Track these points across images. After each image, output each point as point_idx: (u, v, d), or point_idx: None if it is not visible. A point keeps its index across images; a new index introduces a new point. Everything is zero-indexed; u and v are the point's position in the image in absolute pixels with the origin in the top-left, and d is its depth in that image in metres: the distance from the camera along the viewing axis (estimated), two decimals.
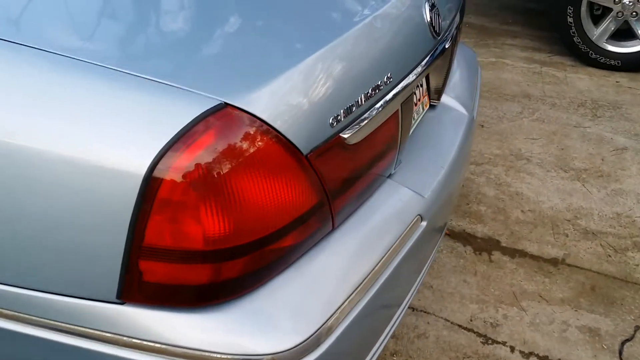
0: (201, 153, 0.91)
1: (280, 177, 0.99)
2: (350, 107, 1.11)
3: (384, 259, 1.23)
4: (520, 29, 4.47)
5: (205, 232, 0.92)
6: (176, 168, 0.90)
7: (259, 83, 0.98)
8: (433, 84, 1.71)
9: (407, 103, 1.35)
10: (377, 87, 1.19)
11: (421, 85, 1.64)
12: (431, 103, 1.73)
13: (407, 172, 1.44)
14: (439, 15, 1.47)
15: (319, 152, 1.05)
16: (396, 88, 1.26)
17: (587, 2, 3.70)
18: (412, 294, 1.50)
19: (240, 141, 0.94)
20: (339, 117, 1.08)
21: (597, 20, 3.80)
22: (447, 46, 1.59)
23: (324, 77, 1.07)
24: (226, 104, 0.94)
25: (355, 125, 1.13)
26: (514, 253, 2.25)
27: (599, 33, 3.77)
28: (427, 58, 1.43)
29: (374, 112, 1.18)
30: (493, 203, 2.53)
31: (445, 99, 1.78)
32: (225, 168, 0.92)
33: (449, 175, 1.52)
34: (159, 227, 0.92)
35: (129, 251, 0.93)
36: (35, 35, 1.00)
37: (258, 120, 0.96)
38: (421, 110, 1.64)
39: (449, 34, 1.65)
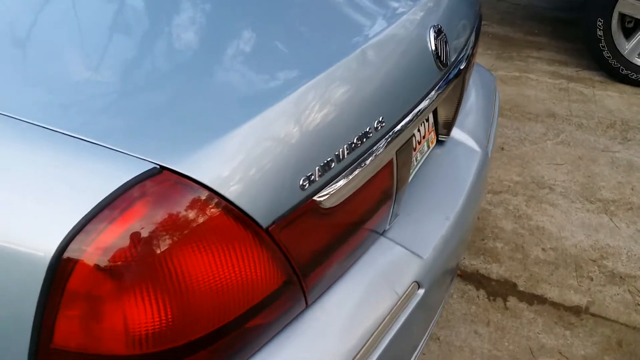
0: (126, 230, 0.71)
1: (232, 257, 0.79)
2: (327, 164, 0.90)
3: (371, 338, 1.02)
4: (546, 40, 4.22)
5: (131, 332, 0.73)
6: (94, 248, 0.70)
7: (206, 141, 0.78)
8: (442, 117, 1.50)
9: (405, 148, 1.14)
10: (365, 135, 0.98)
11: (427, 120, 1.43)
12: (439, 139, 1.52)
13: (405, 226, 1.23)
14: (446, 42, 1.26)
15: (285, 222, 0.85)
16: (390, 134, 1.05)
17: (618, 14, 3.45)
18: (416, 356, 1.29)
19: (178, 214, 0.74)
20: (313, 176, 0.88)
21: (629, 34, 3.54)
22: (457, 74, 1.37)
23: (293, 128, 0.86)
24: (162, 168, 0.74)
25: (334, 184, 0.93)
26: (532, 299, 2.02)
27: (630, 47, 3.51)
28: (432, 93, 1.22)
29: (360, 167, 0.97)
30: (511, 239, 2.30)
31: (455, 132, 1.57)
32: (159, 248, 0.73)
33: (456, 226, 1.31)
34: (71, 325, 0.72)
35: (35, 355, 0.74)
36: None
37: (202, 188, 0.76)
38: (426, 148, 1.43)
39: (461, 58, 1.43)
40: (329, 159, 0.91)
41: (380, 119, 1.02)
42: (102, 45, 0.89)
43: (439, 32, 1.23)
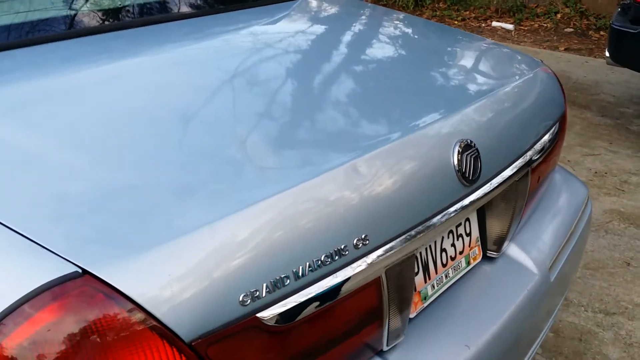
0: (29, 336, 0.71)
1: None
2: (280, 280, 0.87)
3: None
4: None
5: None
6: None
7: (137, 247, 0.79)
8: (493, 231, 1.39)
9: (403, 267, 1.07)
10: (339, 252, 0.94)
11: (467, 234, 1.33)
12: (488, 254, 1.40)
13: (412, 349, 1.14)
14: (477, 157, 1.18)
15: (215, 338, 0.82)
16: (375, 251, 1.00)
17: None
18: None
19: (89, 324, 0.74)
20: (258, 293, 0.85)
21: None
22: (492, 190, 1.25)
23: (243, 239, 0.85)
24: (84, 272, 0.76)
25: (288, 302, 0.89)
26: None
27: None
28: (450, 210, 1.14)
29: (326, 286, 0.93)
30: None
31: (511, 249, 1.43)
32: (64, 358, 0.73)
33: (479, 358, 1.17)
34: None
35: None
36: None
37: (120, 297, 0.76)
38: (464, 264, 1.33)
39: (511, 171, 1.32)
40: (283, 275, 0.88)
41: (363, 237, 0.97)
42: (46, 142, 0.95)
43: (466, 147, 1.16)
